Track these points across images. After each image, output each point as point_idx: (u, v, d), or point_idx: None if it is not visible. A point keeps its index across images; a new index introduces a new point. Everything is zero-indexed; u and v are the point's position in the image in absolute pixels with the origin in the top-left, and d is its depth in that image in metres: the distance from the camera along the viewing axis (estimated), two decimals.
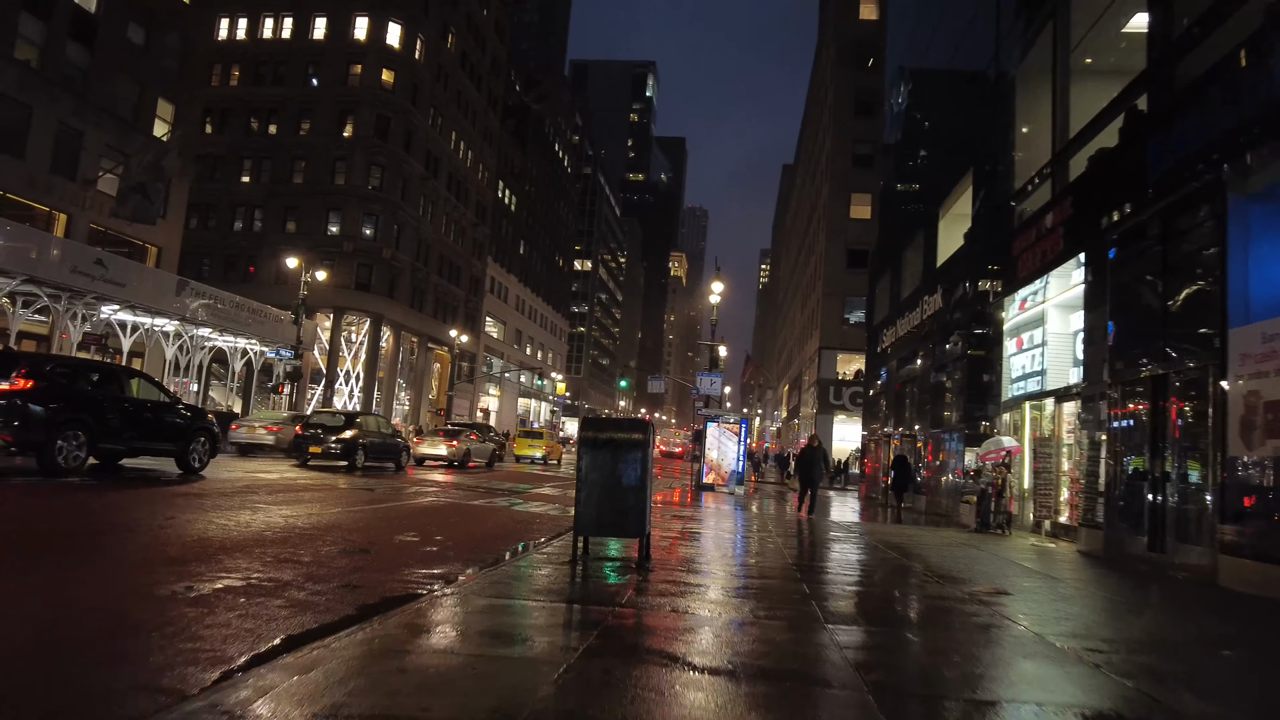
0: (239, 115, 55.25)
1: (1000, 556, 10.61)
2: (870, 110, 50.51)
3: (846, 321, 49.54)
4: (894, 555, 10.06)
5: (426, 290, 60.02)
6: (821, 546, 10.92)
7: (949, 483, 19.64)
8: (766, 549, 9.79)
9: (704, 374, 31.25)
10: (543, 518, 12.31)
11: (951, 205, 20.92)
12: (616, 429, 7.55)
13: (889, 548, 10.96)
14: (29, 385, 11.20)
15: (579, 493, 7.39)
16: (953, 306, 19.08)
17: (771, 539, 11.08)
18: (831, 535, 12.76)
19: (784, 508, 20.84)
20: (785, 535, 11.82)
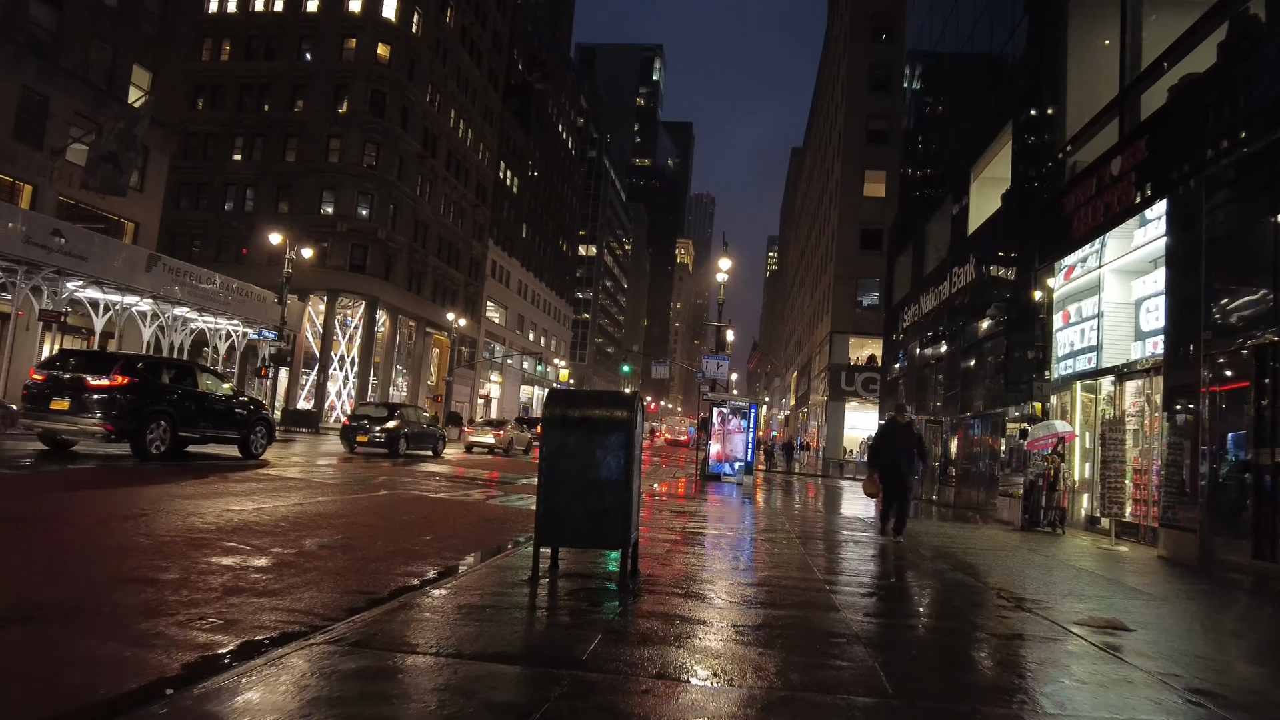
0: (230, 91, 53.50)
1: (1071, 565, 8.73)
2: (885, 84, 48.47)
3: (859, 305, 47.57)
4: (944, 566, 8.19)
5: (425, 273, 58.23)
6: (849, 553, 9.05)
7: (981, 473, 17.73)
8: (784, 557, 7.93)
9: (710, 357, 29.39)
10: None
11: (984, 167, 18.91)
12: (594, 404, 5.70)
13: (933, 555, 9.11)
14: (125, 381, 12.68)
15: (542, 489, 5.55)
16: (988, 277, 17.14)
17: (787, 542, 9.23)
18: (855, 536, 10.90)
19: (794, 500, 18.98)
20: (803, 537, 9.97)
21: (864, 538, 10.50)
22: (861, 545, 9.66)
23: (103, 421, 12.34)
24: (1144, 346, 11.92)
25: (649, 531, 9.17)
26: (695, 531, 9.63)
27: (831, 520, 13.34)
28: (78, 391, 12.41)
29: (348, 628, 3.89)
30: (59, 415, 12.47)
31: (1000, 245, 16.63)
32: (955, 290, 19.54)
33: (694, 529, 9.91)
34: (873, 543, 10.20)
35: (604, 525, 5.48)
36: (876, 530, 10.90)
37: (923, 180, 26.04)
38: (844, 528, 11.92)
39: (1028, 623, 5.42)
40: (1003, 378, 15.92)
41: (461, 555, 6.82)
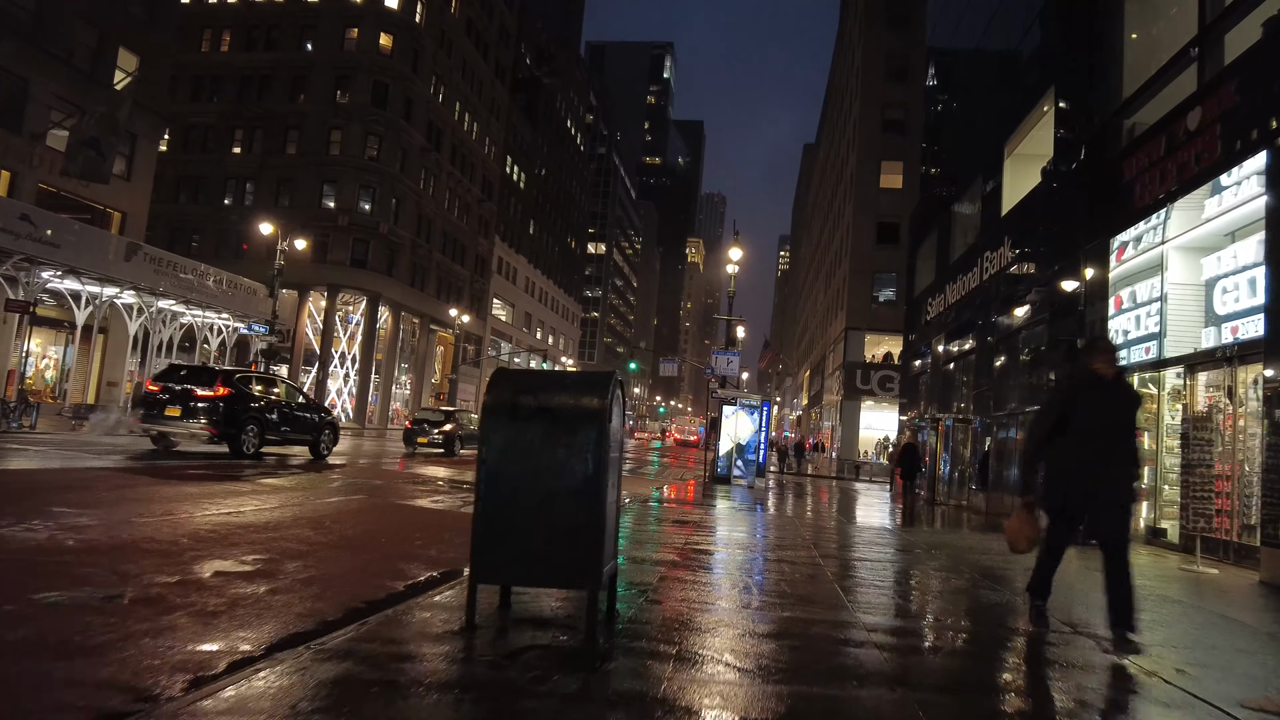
0: (230, 83, 52.48)
1: (1168, 598, 7.13)
2: (902, 73, 46.86)
3: (875, 300, 45.92)
4: (1007, 597, 6.63)
5: (428, 268, 56.94)
6: (886, 576, 7.50)
7: (1018, 479, 16.09)
8: (808, 588, 6.39)
9: (720, 352, 27.84)
10: None
11: (1020, 141, 17.30)
12: (555, 389, 4.21)
13: (986, 577, 7.55)
14: (225, 392, 14.76)
15: (481, 504, 4.07)
16: (1026, 260, 15.53)
17: (809, 564, 7.71)
18: (889, 552, 9.36)
19: (810, 506, 17.44)
20: (828, 556, 8.44)
21: (900, 559, 8.95)
22: (899, 568, 8.12)
23: (207, 426, 14.48)
24: (1219, 332, 10.32)
25: (640, 550, 7.68)
26: (698, 549, 8.12)
27: (855, 532, 11.79)
28: (187, 400, 14.56)
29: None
30: (171, 420, 14.72)
31: (1041, 224, 15.03)
32: (987, 277, 17.92)
33: (697, 545, 8.40)
34: (908, 560, 8.66)
35: (568, 554, 3.99)
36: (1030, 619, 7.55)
37: (948, 161, 24.41)
38: (874, 542, 10.37)
39: (1151, 689, 3.89)
40: (1046, 372, 14.31)
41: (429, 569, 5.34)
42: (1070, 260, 13.33)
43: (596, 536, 3.98)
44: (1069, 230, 13.44)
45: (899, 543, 10.37)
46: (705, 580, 6.34)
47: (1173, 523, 10.92)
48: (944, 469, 20.78)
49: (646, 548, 7.87)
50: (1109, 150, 12.46)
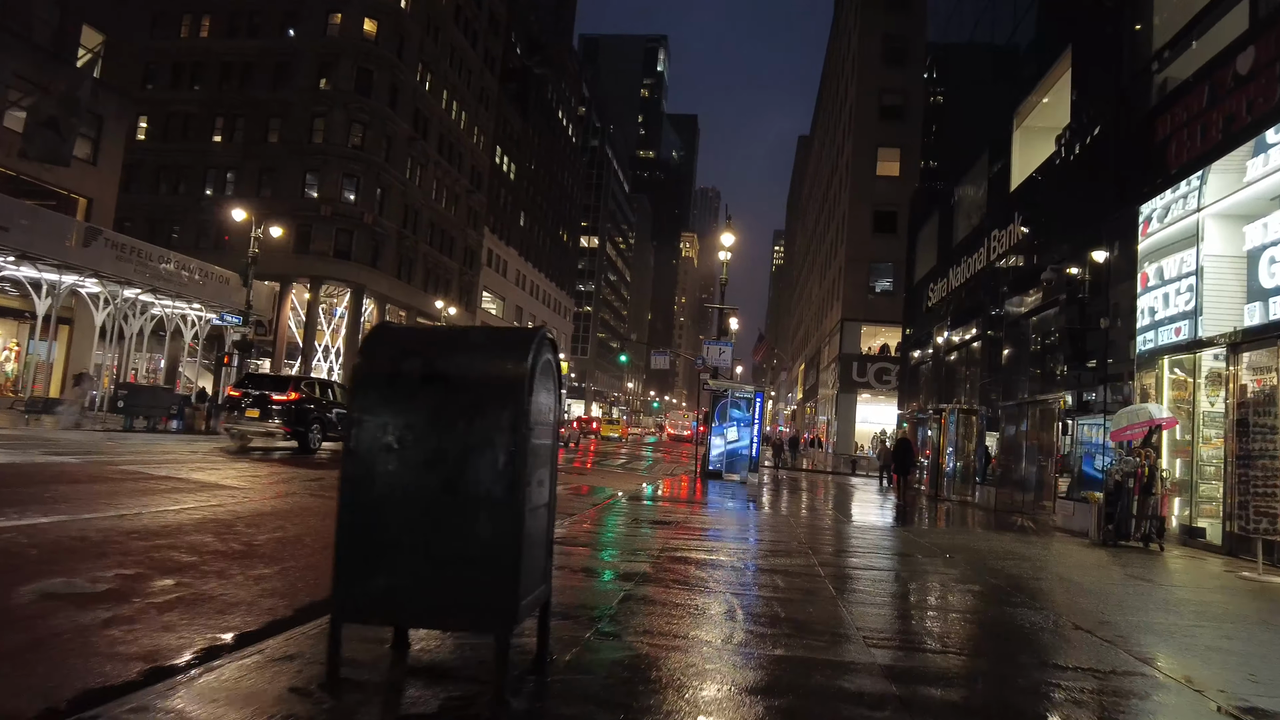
0: (211, 70, 51.00)
1: (1251, 618, 5.97)
2: (899, 57, 45.70)
3: (872, 290, 44.80)
4: (1053, 620, 5.47)
5: (415, 260, 55.62)
6: (899, 592, 6.33)
7: (1028, 472, 14.99)
8: (806, 605, 5.24)
9: (711, 342, 26.69)
10: None
11: (1030, 112, 16.15)
12: (454, 349, 3.00)
13: (1018, 591, 6.39)
14: (296, 397, 17.01)
15: (345, 511, 2.86)
16: (1039, 237, 14.39)
17: (806, 575, 6.56)
18: (898, 559, 8.21)
19: (806, 504, 16.29)
20: (826, 564, 7.29)
21: (912, 567, 7.80)
22: (913, 581, 6.96)
23: (281, 425, 16.71)
24: (1266, 308, 9.17)
25: (607, 560, 6.52)
26: (678, 557, 6.95)
27: (857, 534, 10.63)
28: (264, 404, 16.79)
29: None
30: (250, 420, 16.90)
31: (1056, 197, 13.89)
32: (994, 257, 16.78)
33: (677, 551, 7.24)
34: (919, 566, 7.50)
35: (468, 583, 2.80)
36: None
37: (951, 140, 23.24)
38: (880, 546, 9.22)
39: None
40: (1061, 357, 13.17)
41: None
42: (1090, 234, 12.18)
43: (509, 558, 2.80)
44: (1089, 201, 12.29)
45: (907, 546, 9.22)
46: (679, 601, 5.17)
47: (1212, 521, 9.80)
48: (948, 463, 19.66)
49: (616, 556, 6.71)
50: (1136, 110, 11.30)
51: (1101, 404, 11.42)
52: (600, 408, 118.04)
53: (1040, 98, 15.53)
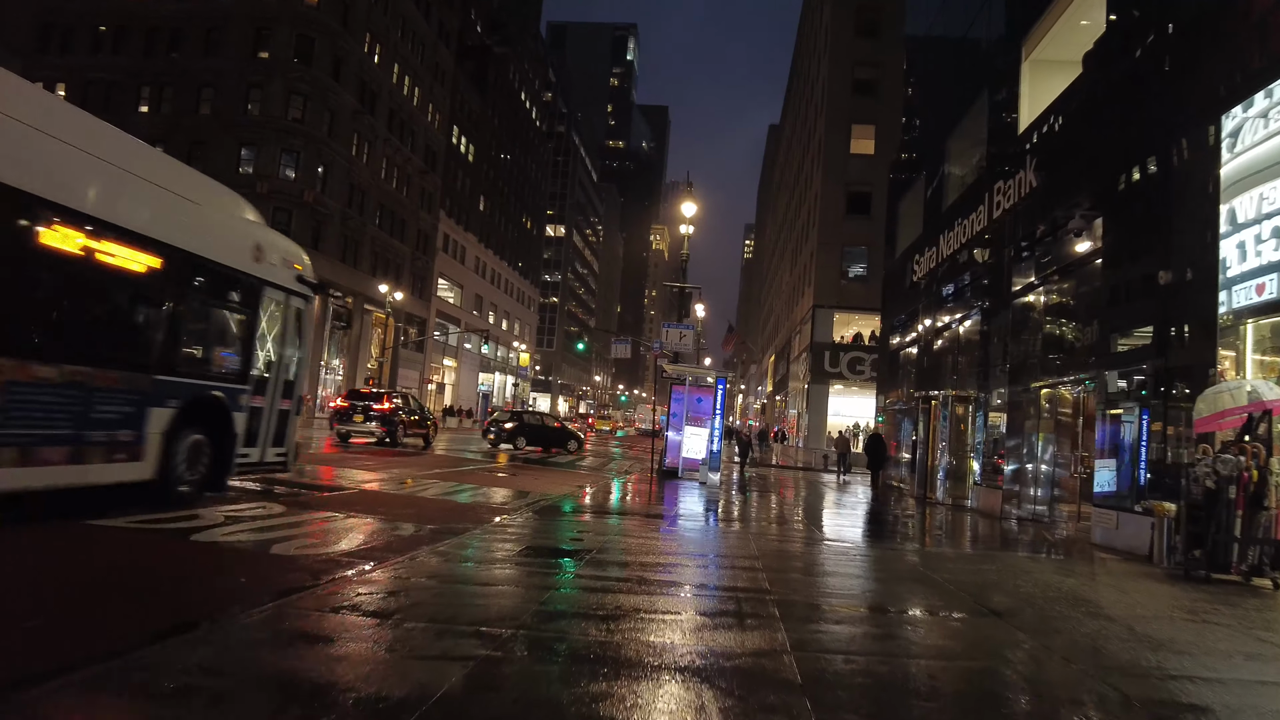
0: (135, 35, 47.32)
1: None
2: (874, 28, 43.39)
3: (845, 275, 42.43)
4: None
5: (361, 242, 52.20)
6: (897, 653, 3.52)
7: (1044, 473, 12.37)
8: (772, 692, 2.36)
9: (671, 324, 23.87)
10: None
11: (1041, 41, 13.61)
12: None
13: (1095, 672, 3.62)
14: (390, 405, 23.66)
15: None
16: (1060, 183, 11.76)
17: (775, 675, 3.66)
18: (918, 614, 5.45)
19: (775, 509, 13.54)
20: (806, 647, 4.47)
21: (948, 636, 5.02)
22: (906, 624, 4.20)
23: (379, 428, 22.87)
24: None
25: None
26: (548, 636, 4.11)
27: (846, 568, 7.87)
28: (367, 411, 23.12)
29: None
30: (356, 424, 23.04)
31: (1083, 131, 11.32)
32: (998, 214, 14.20)
33: (552, 624, 4.39)
34: (928, 612, 4.75)
35: None
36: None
37: (940, 87, 20.63)
38: (883, 596, 6.45)
39: None
40: (1095, 327, 10.56)
41: None
42: (1137, 168, 9.53)
43: None
44: (1134, 128, 9.67)
45: (924, 590, 6.47)
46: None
47: None
48: (939, 460, 17.09)
49: (430, 640, 3.86)
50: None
51: (1160, 382, 8.78)
52: (567, 401, 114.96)
53: (1053, 22, 12.94)
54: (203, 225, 8.63)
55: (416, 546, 6.96)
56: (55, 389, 6.70)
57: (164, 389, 7.94)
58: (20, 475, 6.42)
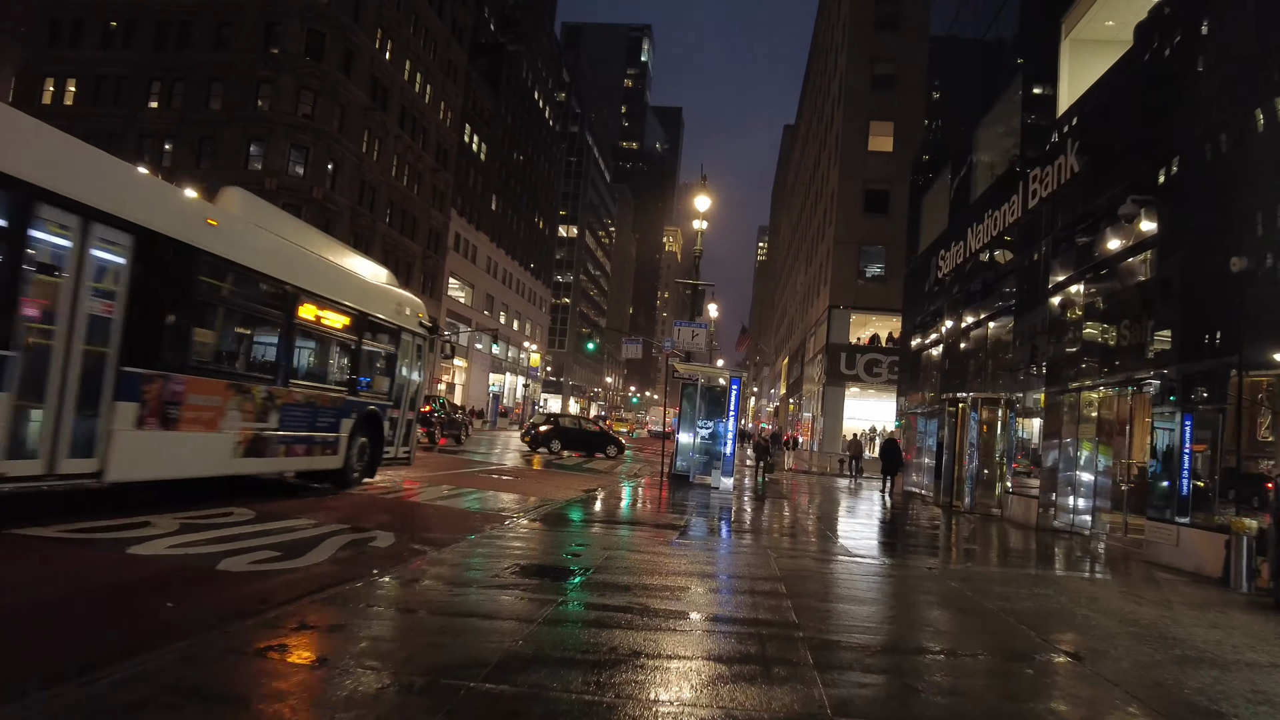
0: (145, 29, 46.97)
1: None
2: (892, 22, 42.38)
3: (863, 275, 41.37)
4: None
5: (371, 240, 51.56)
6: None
7: (1084, 481, 11.37)
8: None
9: (683, 323, 22.98)
10: None
11: (1084, 15, 12.64)
12: None
13: None
14: (429, 409, 24.21)
15: None
16: (1107, 164, 10.77)
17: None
18: (938, 621, 4.65)
19: (794, 522, 12.61)
20: (847, 640, 3.56)
21: (961, 642, 4.11)
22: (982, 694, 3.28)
23: (420, 428, 18.89)
24: None
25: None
26: (559, 664, 3.25)
27: (882, 595, 6.94)
28: (428, 416, 24.54)
29: None
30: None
31: (1136, 106, 10.32)
32: (1035, 203, 13.22)
33: (567, 646, 3.53)
34: (994, 663, 3.83)
35: None
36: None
37: (967, 75, 19.61)
38: (937, 637, 5.53)
39: None
40: (1150, 322, 9.58)
41: None
42: (1203, 140, 8.53)
43: None
44: (1202, 95, 8.65)
45: (995, 629, 5.51)
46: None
47: None
48: (969, 466, 16.09)
49: (371, 685, 3.01)
50: None
51: (1233, 382, 7.79)
52: (579, 403, 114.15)
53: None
54: (373, 294, 12.16)
55: (392, 562, 6.11)
56: (302, 408, 10.15)
57: (350, 406, 11.42)
58: (285, 463, 9.97)
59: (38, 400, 6.27)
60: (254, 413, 9.04)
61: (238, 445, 8.74)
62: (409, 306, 13.40)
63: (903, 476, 22.43)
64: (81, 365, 6.60)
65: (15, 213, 6.07)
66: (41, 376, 6.27)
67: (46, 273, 6.45)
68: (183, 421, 7.82)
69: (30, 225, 6.19)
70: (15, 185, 5.96)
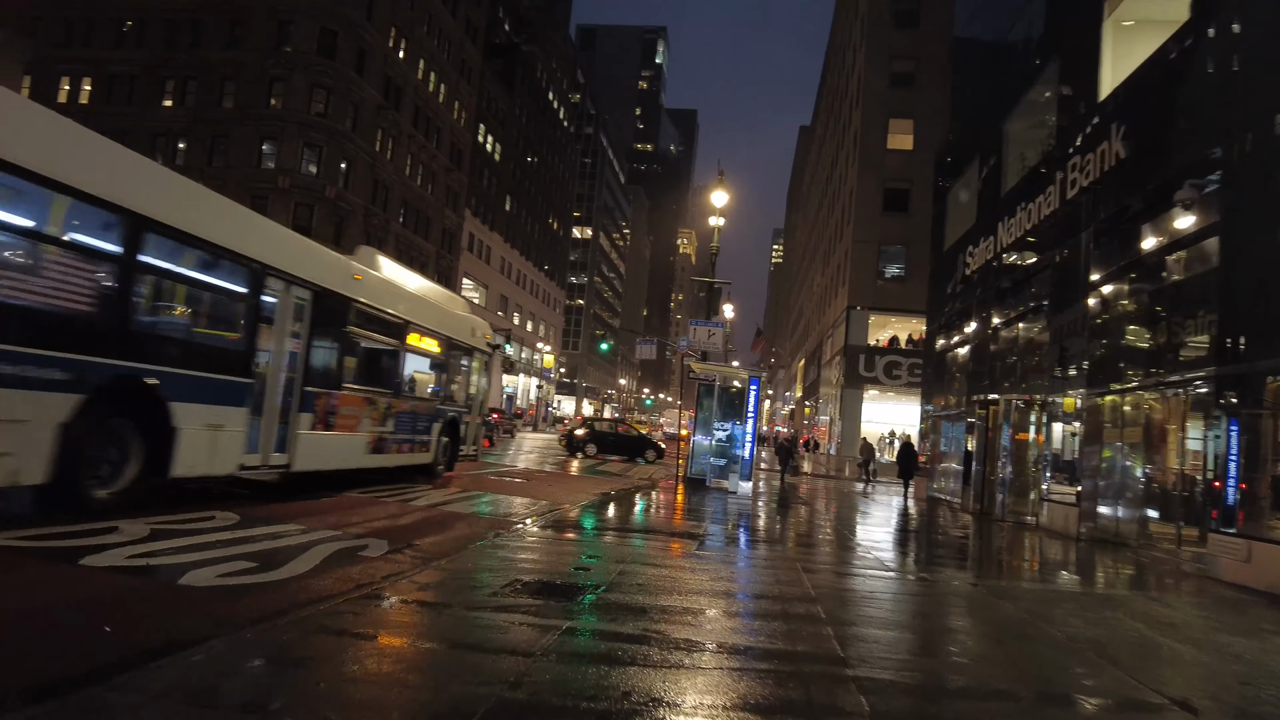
0: (157, 28, 46.91)
1: None
2: (912, 18, 41.53)
3: (882, 275, 40.51)
4: None
5: (385, 240, 51.15)
6: None
7: (1137, 489, 10.57)
8: None
9: (699, 322, 22.29)
10: None
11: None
12: None
13: None
14: (497, 417, 32.44)
15: None
16: (1157, 148, 9.99)
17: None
18: (1007, 656, 3.99)
19: (812, 526, 11.88)
20: (906, 681, 2.87)
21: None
22: None
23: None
24: None
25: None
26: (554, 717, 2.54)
27: (940, 627, 6.20)
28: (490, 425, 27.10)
29: None
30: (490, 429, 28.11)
31: (1194, 83, 9.54)
32: (1074, 192, 12.42)
33: (565, 692, 2.89)
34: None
35: None
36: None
37: (995, 65, 18.82)
38: (1020, 674, 4.82)
39: None
40: (1208, 317, 8.80)
41: None
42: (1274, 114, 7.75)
43: None
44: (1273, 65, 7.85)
45: (1074, 667, 4.79)
46: None
47: None
48: (1002, 471, 15.28)
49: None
50: None
51: None
52: (592, 404, 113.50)
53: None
54: (454, 321, 14.53)
55: (379, 577, 5.45)
56: (409, 415, 12.52)
57: (439, 413, 13.88)
58: (396, 459, 12.23)
59: (258, 413, 8.74)
60: (378, 419, 11.51)
61: (368, 444, 11.23)
62: (479, 329, 15.83)
63: (925, 480, 21.69)
64: (282, 387, 9.15)
65: (253, 283, 8.58)
66: (261, 396, 8.80)
67: (267, 322, 8.90)
68: (337, 427, 10.36)
69: (260, 291, 8.71)
70: (254, 264, 8.54)
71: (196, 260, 7.82)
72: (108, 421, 6.65)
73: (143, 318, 7.18)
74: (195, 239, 7.66)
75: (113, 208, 6.56)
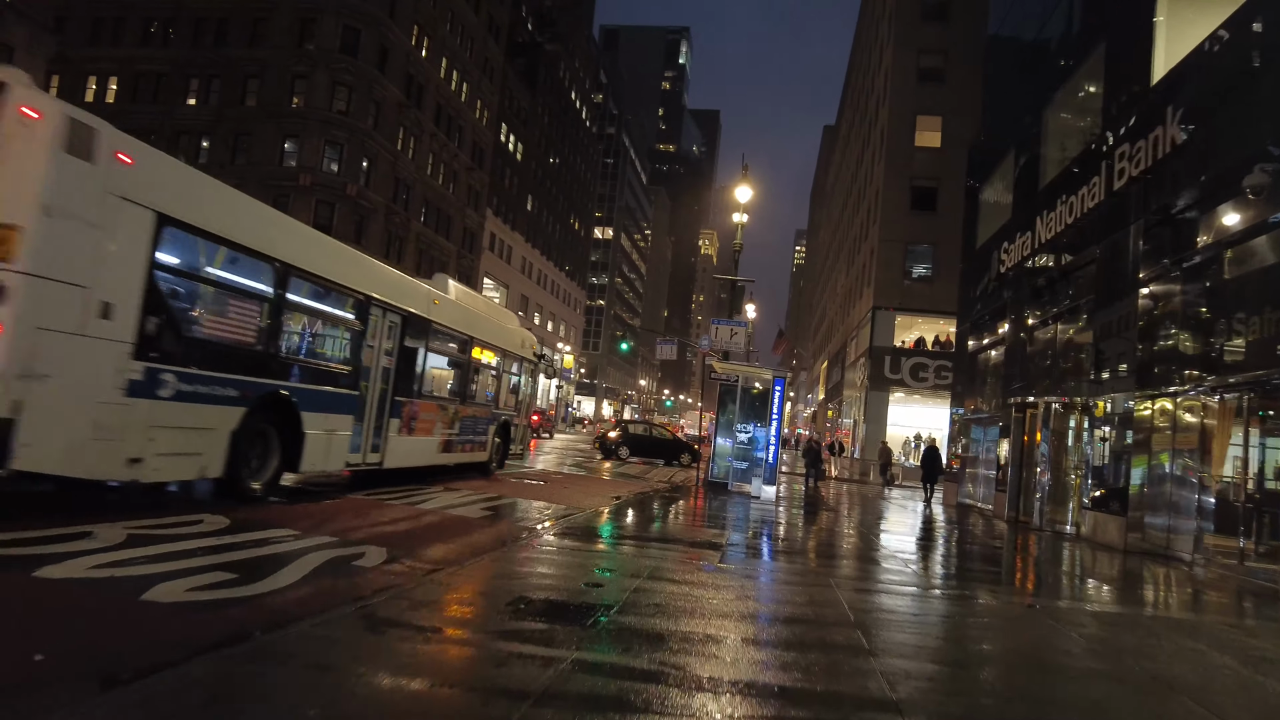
0: (183, 26, 47.23)
1: None
2: (941, 12, 40.60)
3: (909, 275, 39.54)
4: None
5: (406, 239, 51.04)
6: None
7: (1187, 500, 9.82)
8: None
9: (721, 320, 21.68)
10: None
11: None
12: None
13: None
14: (538, 419, 35.42)
15: None
16: (1224, 129, 9.23)
17: None
18: (1097, 708, 3.17)
19: (841, 537, 11.23)
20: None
21: None
22: None
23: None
24: None
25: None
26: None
27: (990, 631, 5.57)
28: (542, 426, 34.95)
29: None
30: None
31: (1268, 58, 8.75)
32: (1123, 183, 11.67)
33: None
34: None
35: None
36: None
37: (1033, 52, 18.01)
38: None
39: None
40: (1277, 309, 8.04)
41: None
42: None
43: None
44: None
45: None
46: None
47: None
48: (1041, 478, 14.51)
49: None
50: None
51: None
52: (612, 405, 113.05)
53: None
54: (507, 334, 16.02)
55: (371, 591, 4.92)
56: (471, 419, 14.05)
57: (493, 416, 15.30)
58: (460, 457, 13.78)
59: (360, 419, 10.26)
60: (448, 423, 13.10)
61: (439, 445, 12.84)
62: (527, 340, 17.54)
63: (953, 486, 20.96)
64: (378, 398, 10.66)
65: (361, 312, 10.22)
66: (363, 406, 10.33)
67: (369, 344, 10.44)
68: (418, 430, 11.95)
69: (366, 318, 10.33)
70: (361, 296, 10.17)
71: (321, 295, 9.51)
72: (259, 428, 8.25)
73: (284, 343, 8.93)
74: (322, 279, 9.39)
75: (268, 259, 8.30)
